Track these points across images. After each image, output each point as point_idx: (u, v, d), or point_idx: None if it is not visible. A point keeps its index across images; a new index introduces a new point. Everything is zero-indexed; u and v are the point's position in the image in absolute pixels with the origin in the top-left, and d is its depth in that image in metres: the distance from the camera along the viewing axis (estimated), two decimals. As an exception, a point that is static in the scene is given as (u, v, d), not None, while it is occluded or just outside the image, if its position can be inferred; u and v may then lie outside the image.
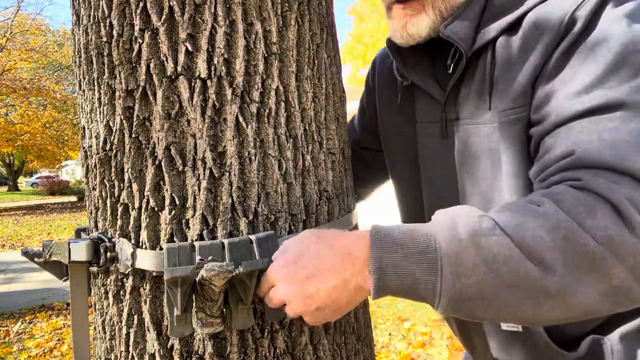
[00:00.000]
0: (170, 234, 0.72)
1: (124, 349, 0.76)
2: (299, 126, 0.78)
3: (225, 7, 0.72)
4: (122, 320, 0.76)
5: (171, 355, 0.72)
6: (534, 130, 0.70)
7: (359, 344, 0.88)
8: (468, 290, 0.55)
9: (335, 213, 0.85)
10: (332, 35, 0.91)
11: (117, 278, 0.77)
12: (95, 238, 0.77)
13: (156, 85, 0.72)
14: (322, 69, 0.84)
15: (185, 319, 0.69)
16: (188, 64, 0.71)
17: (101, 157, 0.78)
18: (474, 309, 0.56)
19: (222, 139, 0.72)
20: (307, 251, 0.61)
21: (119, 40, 0.73)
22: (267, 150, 0.75)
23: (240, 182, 0.73)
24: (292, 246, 0.64)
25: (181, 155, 0.72)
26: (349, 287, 0.59)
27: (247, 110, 0.74)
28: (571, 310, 0.54)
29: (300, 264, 0.61)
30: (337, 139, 0.87)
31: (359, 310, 0.90)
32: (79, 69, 0.83)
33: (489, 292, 0.54)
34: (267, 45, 0.75)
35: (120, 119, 0.74)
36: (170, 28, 0.71)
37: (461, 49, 0.77)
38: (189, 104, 0.71)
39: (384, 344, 3.57)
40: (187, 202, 0.72)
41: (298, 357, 0.76)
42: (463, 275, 0.54)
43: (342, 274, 0.59)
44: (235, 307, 0.69)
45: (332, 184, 0.84)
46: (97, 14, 0.76)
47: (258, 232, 0.73)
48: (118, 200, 0.76)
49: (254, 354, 0.73)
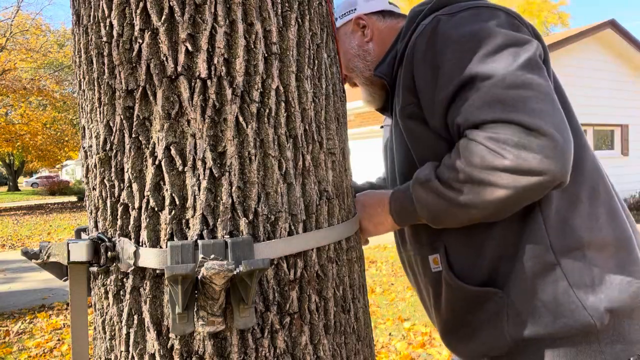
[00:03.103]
0: (170, 234, 0.72)
1: (124, 349, 0.76)
2: (299, 126, 0.78)
3: (225, 7, 0.72)
4: (122, 320, 0.76)
5: (171, 355, 0.72)
6: (433, 116, 0.98)
7: (359, 344, 0.88)
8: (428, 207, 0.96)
9: (336, 213, 0.85)
10: (332, 35, 0.91)
11: (117, 278, 0.77)
12: (95, 238, 0.77)
13: (156, 85, 0.72)
14: (322, 69, 0.84)
15: (187, 317, 0.69)
16: (188, 64, 0.71)
17: (101, 157, 0.78)
18: (434, 215, 0.96)
19: (222, 139, 0.72)
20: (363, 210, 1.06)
21: (119, 40, 0.73)
22: (267, 150, 0.75)
23: (240, 182, 0.73)
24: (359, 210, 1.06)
25: (181, 155, 0.72)
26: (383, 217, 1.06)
27: (247, 110, 0.74)
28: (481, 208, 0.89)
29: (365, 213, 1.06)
30: (337, 139, 0.87)
31: (359, 310, 0.90)
32: (79, 69, 0.83)
33: (436, 205, 0.94)
34: (267, 45, 0.75)
35: (120, 119, 0.74)
36: (170, 28, 0.71)
37: (385, 81, 1.12)
38: (189, 104, 0.71)
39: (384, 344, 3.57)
40: (187, 202, 0.72)
41: (298, 357, 0.76)
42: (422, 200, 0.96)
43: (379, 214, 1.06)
44: (236, 306, 0.69)
45: (332, 184, 0.84)
46: (97, 14, 0.76)
47: (258, 232, 0.73)
48: (118, 200, 0.76)
49: (254, 354, 0.73)
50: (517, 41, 0.90)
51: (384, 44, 1.18)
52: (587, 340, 0.92)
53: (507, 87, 0.85)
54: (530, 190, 0.84)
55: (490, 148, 0.84)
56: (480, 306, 1.00)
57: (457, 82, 0.90)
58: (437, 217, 0.96)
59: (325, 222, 0.82)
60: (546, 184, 0.83)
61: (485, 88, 0.86)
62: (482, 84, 0.87)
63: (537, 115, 0.82)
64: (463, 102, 0.89)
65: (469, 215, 0.92)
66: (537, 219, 0.94)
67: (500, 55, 0.88)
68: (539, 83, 0.86)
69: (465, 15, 0.96)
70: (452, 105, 0.92)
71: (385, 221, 1.04)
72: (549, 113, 0.83)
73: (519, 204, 0.90)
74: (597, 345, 0.92)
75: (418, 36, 0.99)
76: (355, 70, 1.21)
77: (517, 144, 0.82)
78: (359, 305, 0.90)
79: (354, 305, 0.88)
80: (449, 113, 0.93)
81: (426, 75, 0.96)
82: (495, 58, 0.88)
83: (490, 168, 0.84)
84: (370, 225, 1.04)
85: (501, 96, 0.85)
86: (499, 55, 0.88)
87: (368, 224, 1.04)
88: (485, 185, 0.86)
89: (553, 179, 0.83)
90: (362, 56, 1.19)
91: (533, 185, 0.83)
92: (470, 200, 0.89)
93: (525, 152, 0.81)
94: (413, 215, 0.99)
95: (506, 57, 0.88)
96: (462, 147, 0.89)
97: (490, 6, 0.98)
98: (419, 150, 1.04)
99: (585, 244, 0.94)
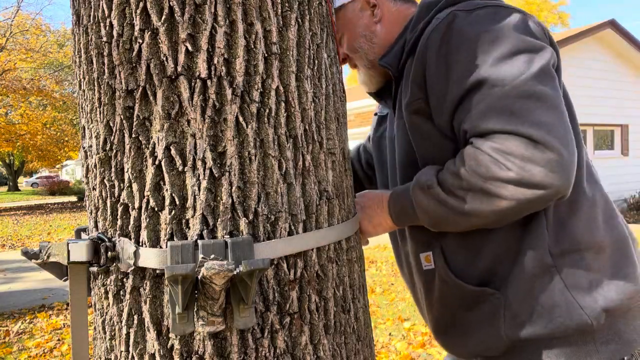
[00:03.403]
0: (170, 234, 0.72)
1: (124, 349, 0.76)
2: (299, 126, 0.78)
3: (225, 7, 0.72)
4: (122, 320, 0.76)
5: (171, 355, 0.72)
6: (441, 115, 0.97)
7: (359, 344, 0.88)
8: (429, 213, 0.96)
9: (335, 213, 0.85)
10: (332, 36, 0.91)
11: (117, 278, 0.77)
12: (95, 238, 0.77)
13: (156, 85, 0.72)
14: (322, 69, 0.84)
15: (187, 316, 0.69)
16: (188, 64, 0.71)
17: (101, 157, 0.78)
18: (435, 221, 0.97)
19: (222, 139, 0.72)
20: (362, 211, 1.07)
21: (119, 40, 0.73)
22: (267, 150, 0.75)
23: (240, 182, 0.73)
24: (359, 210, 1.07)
25: (181, 155, 0.72)
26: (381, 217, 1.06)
27: (247, 110, 0.74)
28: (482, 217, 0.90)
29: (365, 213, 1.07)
30: (337, 139, 0.87)
31: (359, 310, 0.90)
32: (79, 69, 0.83)
33: (437, 211, 0.95)
34: (267, 45, 0.75)
35: (120, 119, 0.74)
36: (170, 28, 0.71)
37: (391, 72, 1.08)
38: (189, 104, 0.71)
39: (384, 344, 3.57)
40: (187, 202, 0.72)
41: (298, 357, 0.76)
42: (423, 205, 0.96)
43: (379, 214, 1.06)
44: (236, 306, 0.69)
45: (332, 184, 0.84)
46: (97, 14, 0.76)
47: (258, 232, 0.73)
48: (118, 200, 0.76)
49: (254, 354, 0.73)
50: (533, 47, 0.89)
51: (392, 29, 1.12)
52: (583, 340, 0.93)
53: (517, 97, 0.85)
54: (533, 203, 0.85)
55: (495, 159, 0.84)
56: (475, 305, 1.00)
57: (467, 84, 0.89)
58: (438, 223, 0.96)
59: (325, 222, 0.82)
60: (549, 197, 0.84)
61: (495, 95, 0.86)
62: (492, 90, 0.87)
63: (544, 129, 0.82)
64: (471, 106, 0.89)
65: (470, 223, 0.92)
66: (541, 224, 0.94)
67: (514, 60, 0.87)
68: (549, 94, 0.86)
69: (481, 14, 0.94)
70: (460, 107, 0.92)
71: (384, 222, 1.04)
72: (556, 126, 0.83)
73: (520, 215, 0.91)
74: (593, 345, 0.93)
75: (433, 31, 0.97)
76: (359, 52, 1.14)
77: (523, 156, 0.82)
78: (359, 305, 0.90)
79: (354, 305, 0.88)
80: (457, 114, 0.93)
81: (438, 72, 0.95)
82: (508, 62, 0.87)
83: (494, 179, 0.84)
84: (370, 227, 1.04)
85: (510, 106, 0.85)
86: (512, 60, 0.87)
87: (367, 225, 1.04)
88: (489, 196, 0.86)
89: (556, 192, 0.84)
90: (369, 37, 1.13)
91: (536, 198, 0.84)
92: (472, 209, 0.89)
93: (530, 165, 0.82)
94: (413, 218, 1.00)
95: (520, 63, 0.87)
96: (467, 155, 0.89)
97: (507, 7, 0.96)
98: (422, 147, 1.02)
99: (583, 246, 0.94)
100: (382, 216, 1.04)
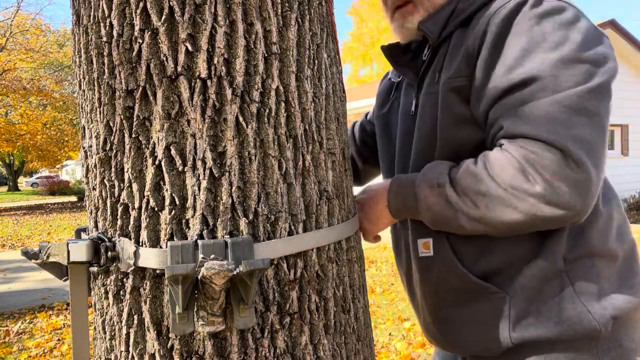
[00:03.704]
0: (170, 234, 0.72)
1: (124, 349, 0.76)
2: (299, 126, 0.78)
3: (225, 7, 0.72)
4: (122, 320, 0.76)
5: (171, 355, 0.72)
6: (479, 101, 0.91)
7: (359, 344, 0.88)
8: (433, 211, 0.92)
9: (336, 213, 0.85)
10: (332, 35, 0.91)
11: (117, 278, 0.77)
12: (95, 238, 0.77)
13: (156, 85, 0.72)
14: (322, 69, 0.84)
15: (187, 316, 0.69)
16: (188, 64, 0.71)
17: (101, 157, 0.78)
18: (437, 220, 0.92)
19: (222, 139, 0.72)
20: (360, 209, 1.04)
21: (119, 40, 0.73)
22: (267, 150, 0.75)
23: (240, 182, 0.73)
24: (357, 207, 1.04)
25: (181, 155, 0.72)
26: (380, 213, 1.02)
27: (247, 110, 0.74)
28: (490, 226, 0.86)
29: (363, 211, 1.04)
30: (337, 139, 0.87)
31: (359, 310, 0.90)
32: (79, 69, 0.83)
33: (443, 212, 0.90)
34: (267, 45, 0.75)
35: (120, 119, 0.74)
36: (170, 28, 0.71)
37: (429, 38, 1.00)
38: (189, 104, 0.71)
39: (384, 344, 3.57)
40: (187, 202, 0.72)
41: (298, 357, 0.76)
42: (429, 202, 0.91)
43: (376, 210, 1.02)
44: (236, 306, 0.69)
45: (332, 184, 0.84)
46: (97, 14, 0.76)
47: (258, 232, 0.73)
48: (118, 200, 0.76)
49: (254, 354, 0.73)
50: (596, 60, 0.83)
51: None
52: (587, 346, 0.92)
53: (566, 107, 0.79)
54: (547, 221, 0.81)
55: (524, 168, 0.79)
56: (474, 302, 0.97)
57: (517, 75, 0.83)
58: (439, 222, 0.92)
59: (325, 222, 0.82)
60: (565, 218, 0.81)
61: (542, 99, 0.81)
62: (541, 93, 0.81)
63: (583, 147, 0.77)
64: (515, 103, 0.83)
65: (475, 229, 0.88)
66: (564, 230, 0.91)
67: (574, 69, 0.81)
68: (600, 112, 0.80)
69: (549, 8, 0.87)
70: (502, 99, 0.85)
71: (382, 215, 1.00)
72: (596, 146, 0.79)
73: (527, 230, 0.87)
74: (596, 351, 0.92)
75: (501, 7, 0.89)
76: None
77: (554, 172, 0.77)
78: (359, 305, 0.90)
79: (354, 305, 0.88)
80: (495, 106, 0.86)
81: (494, 52, 0.88)
82: (569, 68, 0.82)
83: (517, 189, 0.80)
84: (369, 225, 1.03)
85: (556, 114, 0.79)
86: (572, 67, 0.82)
87: (367, 223, 1.02)
88: (504, 205, 0.82)
89: (575, 215, 0.80)
90: None
91: (553, 217, 0.80)
92: (482, 215, 0.85)
93: (559, 182, 0.77)
94: (413, 213, 0.95)
95: (579, 74, 0.81)
96: (493, 158, 0.83)
97: (575, 7, 0.90)
98: (448, 129, 0.95)
99: (596, 253, 0.93)
100: (380, 210, 0.99)
